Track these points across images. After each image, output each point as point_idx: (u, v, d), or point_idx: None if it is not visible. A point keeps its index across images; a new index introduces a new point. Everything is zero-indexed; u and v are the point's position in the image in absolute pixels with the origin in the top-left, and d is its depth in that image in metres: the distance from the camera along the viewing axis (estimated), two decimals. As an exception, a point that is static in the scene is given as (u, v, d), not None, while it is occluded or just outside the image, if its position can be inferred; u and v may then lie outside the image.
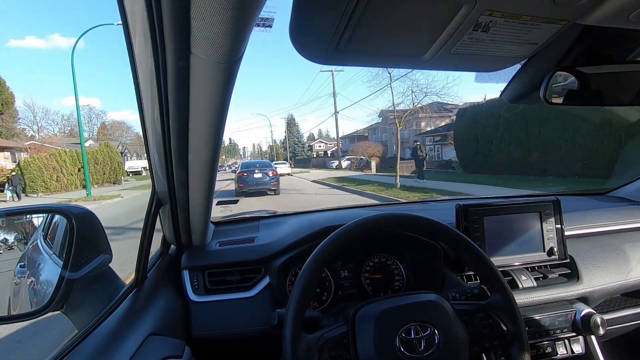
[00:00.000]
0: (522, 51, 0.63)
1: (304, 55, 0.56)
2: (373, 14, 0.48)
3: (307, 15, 0.49)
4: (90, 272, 0.77)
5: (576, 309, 1.01)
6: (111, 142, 33.21)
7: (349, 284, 1.07)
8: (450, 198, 1.70)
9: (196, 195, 0.82)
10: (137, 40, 0.50)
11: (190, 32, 0.43)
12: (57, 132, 39.81)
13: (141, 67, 0.54)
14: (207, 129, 0.63)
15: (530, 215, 1.08)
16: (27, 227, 0.91)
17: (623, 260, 1.13)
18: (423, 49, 0.58)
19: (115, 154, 25.16)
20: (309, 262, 0.68)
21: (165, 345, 0.72)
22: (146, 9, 0.41)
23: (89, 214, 0.82)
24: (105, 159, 23.60)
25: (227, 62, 0.49)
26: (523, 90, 0.80)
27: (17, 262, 0.88)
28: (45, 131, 38.54)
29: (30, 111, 38.42)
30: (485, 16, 0.51)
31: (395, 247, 1.10)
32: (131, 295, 0.79)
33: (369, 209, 1.52)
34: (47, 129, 39.57)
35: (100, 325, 0.67)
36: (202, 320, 0.93)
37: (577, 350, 1.02)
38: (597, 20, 0.55)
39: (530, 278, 1.05)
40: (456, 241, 0.75)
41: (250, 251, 1.03)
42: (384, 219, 0.74)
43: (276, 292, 0.97)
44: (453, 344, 0.66)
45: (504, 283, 0.73)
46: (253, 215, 1.37)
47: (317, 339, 0.65)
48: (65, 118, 43.21)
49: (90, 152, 22.25)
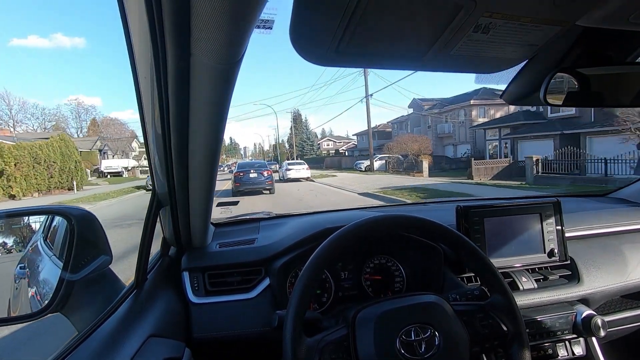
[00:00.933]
0: (522, 52, 0.63)
1: (304, 57, 0.56)
2: (373, 15, 0.48)
3: (307, 17, 0.49)
4: (90, 273, 0.77)
5: (577, 310, 1.01)
6: (91, 137, 28.93)
7: (349, 286, 1.07)
8: (451, 199, 1.70)
9: (196, 197, 0.82)
10: (137, 42, 0.50)
11: (190, 33, 0.44)
12: (37, 128, 35.02)
13: (141, 69, 0.54)
14: (207, 130, 0.63)
15: (531, 217, 1.08)
16: (24, 232, 0.92)
17: (624, 262, 1.13)
18: (423, 50, 0.58)
19: (73, 149, 18.60)
20: (309, 264, 0.68)
21: (165, 346, 0.72)
22: (146, 11, 0.41)
23: (90, 215, 0.82)
24: (53, 157, 16.55)
25: (227, 64, 0.49)
26: (523, 92, 0.80)
27: (17, 264, 0.88)
28: (24, 126, 33.71)
29: (5, 103, 32.52)
30: (485, 18, 0.51)
31: (396, 248, 1.10)
32: (131, 297, 0.79)
33: (369, 210, 1.52)
34: (26, 123, 34.80)
35: (100, 327, 0.67)
36: (202, 322, 0.93)
37: (577, 352, 1.02)
38: (597, 21, 0.55)
39: (531, 279, 1.05)
40: (456, 242, 0.75)
41: (250, 252, 1.03)
42: (384, 220, 0.74)
43: (276, 294, 0.97)
44: (453, 345, 0.66)
45: (504, 284, 0.73)
46: (253, 216, 1.37)
47: (317, 342, 0.64)
48: (46, 112, 37.81)
49: (29, 147, 15.76)
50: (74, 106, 41.19)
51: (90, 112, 42.37)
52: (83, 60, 79.55)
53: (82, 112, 41.11)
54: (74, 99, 49.37)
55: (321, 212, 1.41)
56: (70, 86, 79.41)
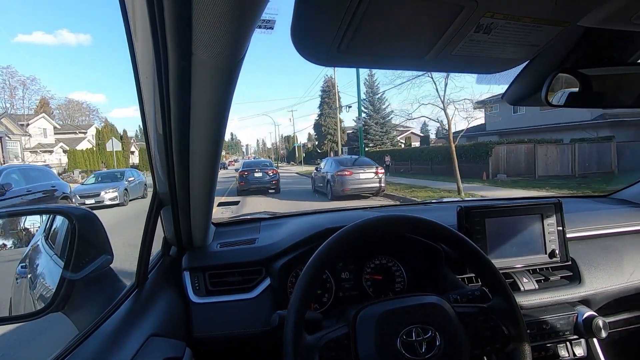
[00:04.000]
0: (523, 53, 0.63)
1: (306, 57, 0.56)
2: (374, 15, 0.48)
3: (308, 17, 0.49)
4: (91, 272, 0.77)
5: (578, 311, 1.01)
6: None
7: (350, 286, 1.07)
8: (452, 200, 1.70)
9: (197, 196, 0.82)
10: (138, 42, 0.50)
11: (192, 33, 0.44)
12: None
13: (143, 68, 0.54)
14: (208, 130, 0.63)
15: (532, 217, 1.08)
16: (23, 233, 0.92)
17: (625, 263, 1.13)
18: (424, 50, 0.58)
19: None
20: (310, 264, 0.68)
21: (166, 346, 0.72)
22: (148, 11, 0.41)
23: (91, 215, 0.83)
24: None
25: (228, 63, 0.49)
26: (525, 92, 0.80)
27: (18, 263, 0.88)
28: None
29: None
30: (487, 18, 0.51)
31: (396, 248, 1.10)
32: (132, 296, 0.79)
33: (370, 210, 1.52)
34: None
35: (101, 326, 0.67)
36: (203, 322, 0.93)
37: (579, 353, 1.02)
38: (599, 22, 0.55)
39: (532, 280, 1.05)
40: (458, 243, 0.75)
41: (251, 252, 1.03)
42: (385, 220, 0.74)
43: (277, 294, 0.97)
44: (454, 346, 0.65)
45: (505, 286, 0.73)
46: (254, 216, 1.37)
47: (317, 340, 0.64)
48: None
49: None
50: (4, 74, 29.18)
51: (29, 87, 30.17)
52: (88, 57, 79.46)
53: (18, 86, 29.58)
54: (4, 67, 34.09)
55: (322, 212, 1.41)
56: (73, 83, 79.42)
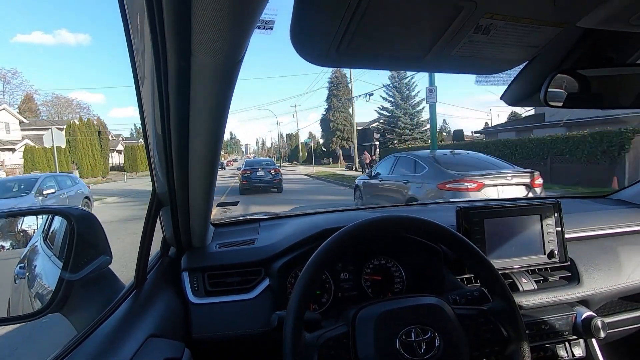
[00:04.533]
0: (522, 54, 0.63)
1: (305, 57, 0.56)
2: (374, 16, 0.48)
3: (308, 18, 0.49)
4: (90, 273, 0.77)
5: (577, 312, 1.01)
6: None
7: (349, 286, 1.07)
8: (451, 200, 1.70)
9: (196, 197, 0.82)
10: (137, 41, 0.50)
11: (191, 33, 0.44)
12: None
13: (141, 68, 0.54)
14: (207, 130, 0.63)
15: (531, 218, 1.08)
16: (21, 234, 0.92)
17: (624, 263, 1.13)
18: (423, 51, 0.58)
19: None
20: (309, 264, 0.68)
21: (165, 347, 0.72)
22: (147, 11, 0.41)
23: (90, 215, 0.83)
24: None
25: (228, 64, 0.49)
26: (523, 93, 0.80)
27: (17, 263, 0.88)
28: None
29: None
30: (486, 19, 0.51)
31: (395, 249, 1.10)
32: (131, 297, 0.79)
33: (369, 210, 1.52)
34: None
35: (100, 327, 0.67)
36: (202, 322, 0.92)
37: (577, 354, 1.02)
38: (598, 23, 0.55)
39: (531, 281, 1.05)
40: (457, 243, 0.75)
41: (250, 253, 1.03)
42: (384, 221, 0.74)
43: (276, 294, 0.97)
44: (453, 347, 0.65)
45: (505, 287, 0.73)
46: (253, 217, 1.37)
47: (316, 338, 0.64)
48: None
49: None
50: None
51: (14, 81, 27.43)
52: (86, 56, 79.27)
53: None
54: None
55: (321, 212, 1.41)
56: (73, 82, 79.23)
